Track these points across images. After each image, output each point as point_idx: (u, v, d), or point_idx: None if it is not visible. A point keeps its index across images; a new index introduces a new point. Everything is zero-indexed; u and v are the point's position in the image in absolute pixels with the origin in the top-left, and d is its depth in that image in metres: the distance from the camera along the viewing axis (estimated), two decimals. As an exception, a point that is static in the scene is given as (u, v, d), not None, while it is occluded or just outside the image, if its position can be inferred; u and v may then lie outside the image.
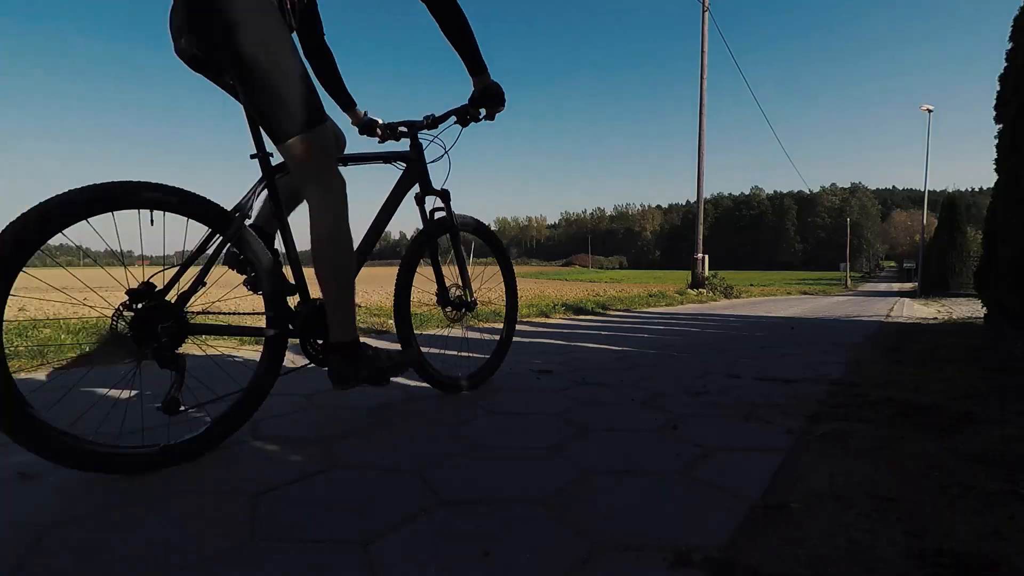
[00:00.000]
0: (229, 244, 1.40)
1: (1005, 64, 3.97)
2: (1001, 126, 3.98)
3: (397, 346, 1.87)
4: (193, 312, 1.36)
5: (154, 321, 1.25)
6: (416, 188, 1.89)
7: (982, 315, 4.75)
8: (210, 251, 1.37)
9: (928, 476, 1.17)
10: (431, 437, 1.48)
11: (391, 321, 4.36)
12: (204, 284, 1.36)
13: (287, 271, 1.51)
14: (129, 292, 1.25)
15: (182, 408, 1.22)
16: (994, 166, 4.04)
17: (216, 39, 1.26)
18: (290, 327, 1.49)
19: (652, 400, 1.90)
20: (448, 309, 2.13)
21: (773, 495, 1.09)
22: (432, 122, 1.89)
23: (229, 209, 1.39)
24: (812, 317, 6.65)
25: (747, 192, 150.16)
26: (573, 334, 4.13)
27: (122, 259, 1.35)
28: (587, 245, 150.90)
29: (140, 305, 1.24)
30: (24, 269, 1.10)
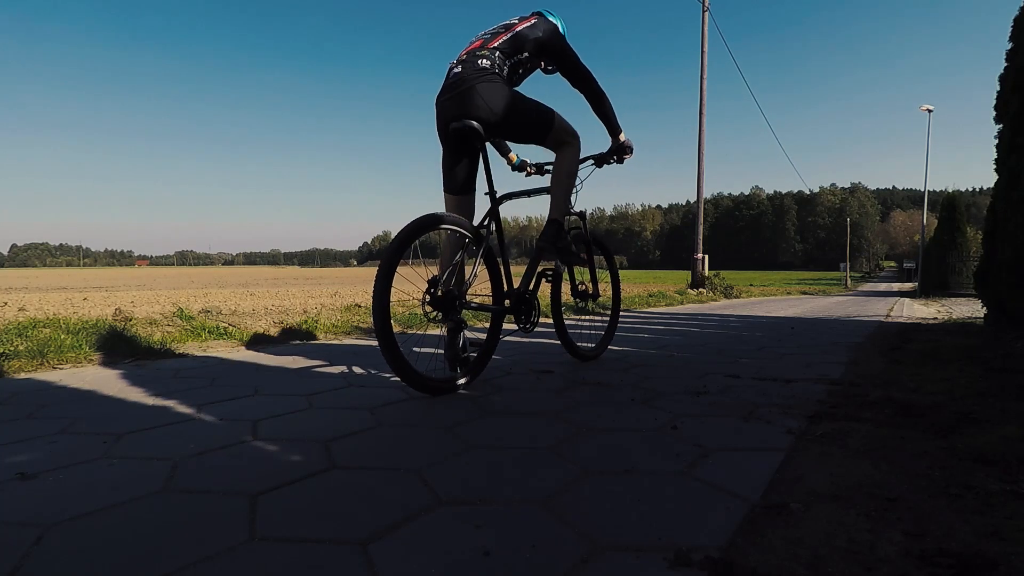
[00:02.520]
0: (481, 250, 2.11)
1: (1005, 64, 3.97)
2: (1001, 126, 3.98)
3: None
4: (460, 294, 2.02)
5: (449, 299, 1.97)
6: None
7: (982, 315, 4.75)
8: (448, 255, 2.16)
9: (928, 476, 1.17)
10: (431, 437, 1.48)
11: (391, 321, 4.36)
12: (476, 276, 2.09)
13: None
14: (429, 281, 1.95)
15: (464, 355, 2.10)
16: (994, 166, 4.04)
17: (490, 122, 2.06)
18: (507, 305, 2.27)
19: (652, 400, 1.90)
20: (577, 300, 2.86)
21: (773, 495, 1.09)
22: (582, 159, 2.44)
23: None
24: (812, 317, 6.65)
25: (747, 192, 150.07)
26: (572, 334, 4.13)
27: (423, 261, 2.09)
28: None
29: (434, 291, 1.94)
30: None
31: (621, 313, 2.95)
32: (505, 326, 2.36)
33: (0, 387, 2.09)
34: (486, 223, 2.20)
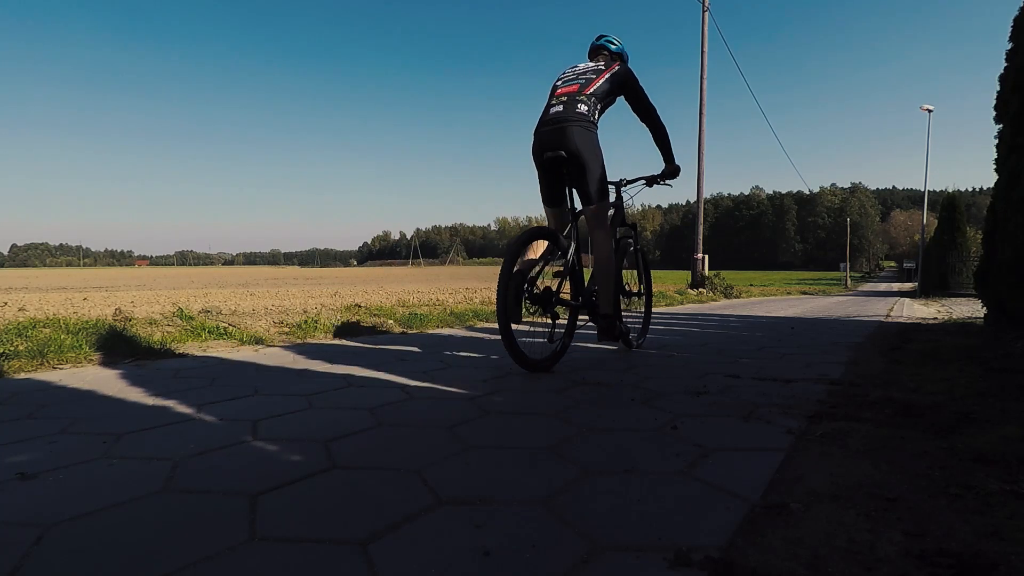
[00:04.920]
0: (567, 256, 2.61)
1: (1005, 64, 3.97)
2: (1001, 126, 3.98)
3: (387, 344, 2.00)
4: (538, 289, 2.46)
5: (546, 296, 2.47)
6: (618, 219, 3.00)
7: (982, 315, 4.75)
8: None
9: (928, 476, 1.17)
10: (431, 437, 1.48)
11: (391, 321, 4.36)
12: (565, 277, 2.58)
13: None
14: (528, 281, 2.38)
15: (553, 341, 2.57)
16: (994, 166, 4.03)
17: (579, 157, 2.49)
18: (580, 300, 2.73)
19: (652, 400, 1.90)
20: (623, 298, 3.12)
21: (773, 495, 1.09)
22: (628, 183, 3.03)
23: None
24: (812, 317, 6.65)
25: (747, 192, 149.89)
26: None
27: (540, 263, 2.53)
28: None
29: (531, 289, 2.41)
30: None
31: (621, 312, 3.08)
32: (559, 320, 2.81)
33: (0, 387, 2.09)
34: (565, 233, 2.70)
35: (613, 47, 2.91)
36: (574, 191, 2.67)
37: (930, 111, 23.33)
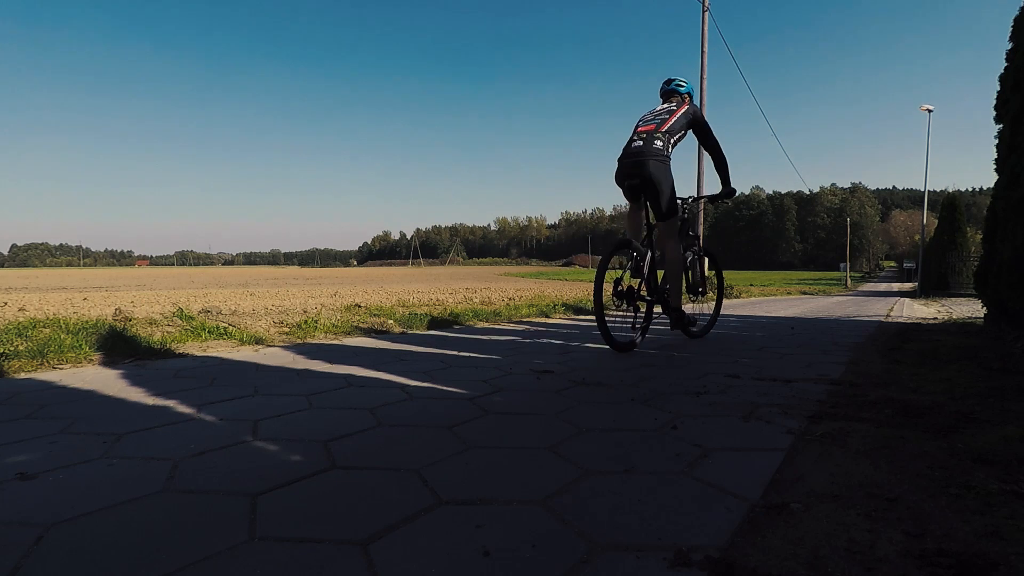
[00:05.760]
0: (644, 261, 3.19)
1: (1005, 64, 3.97)
2: (1001, 126, 3.98)
3: (387, 344, 1.98)
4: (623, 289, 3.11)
5: (629, 292, 3.09)
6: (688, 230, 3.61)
7: (982, 315, 4.74)
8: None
9: (928, 476, 1.17)
10: (431, 437, 1.48)
11: (391, 321, 4.36)
12: (644, 277, 3.21)
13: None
14: (615, 281, 3.01)
15: (635, 329, 3.20)
16: (994, 166, 4.04)
17: (654, 182, 3.11)
18: (654, 297, 3.33)
19: (652, 400, 1.90)
20: (689, 295, 3.76)
21: (773, 495, 1.09)
22: (695, 201, 3.65)
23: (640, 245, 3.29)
24: (812, 317, 6.65)
25: (747, 192, 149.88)
26: (573, 334, 4.13)
27: (623, 266, 3.21)
28: (587, 245, 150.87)
29: (619, 287, 3.05)
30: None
31: (621, 312, 3.31)
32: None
33: (0, 387, 2.09)
34: (643, 241, 3.30)
35: (682, 89, 3.52)
36: (650, 209, 3.29)
37: (930, 111, 23.32)
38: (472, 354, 3.01)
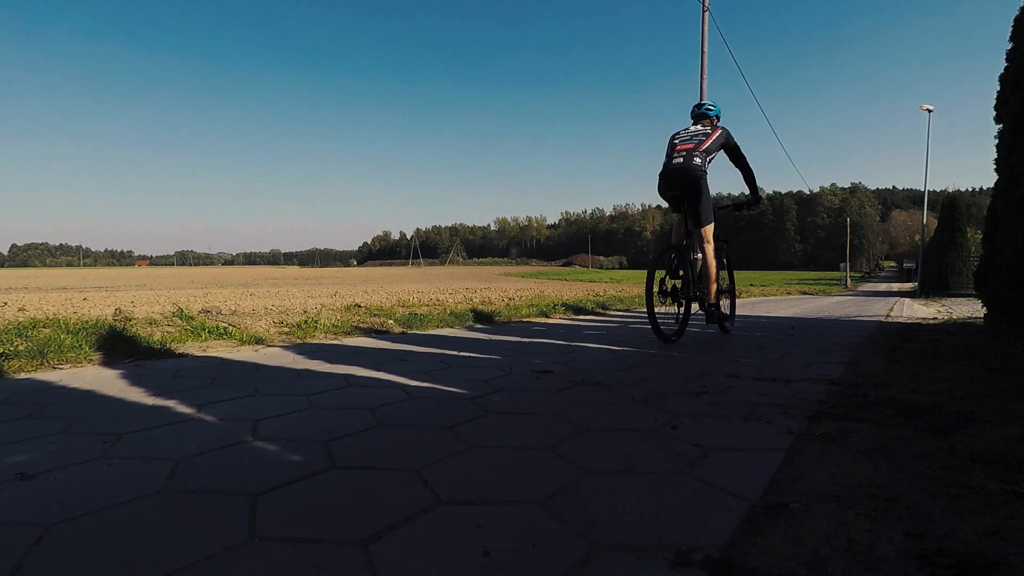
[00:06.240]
0: (684, 263, 3.68)
1: (1005, 64, 3.97)
2: (1001, 126, 3.97)
3: (387, 344, 1.96)
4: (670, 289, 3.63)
5: (673, 291, 3.66)
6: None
7: (982, 315, 4.74)
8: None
9: (928, 476, 1.17)
10: (431, 437, 1.48)
11: (391, 321, 4.36)
12: (684, 277, 3.73)
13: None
14: (659, 281, 3.55)
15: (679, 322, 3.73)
16: (994, 166, 4.03)
17: (694, 194, 3.65)
18: (694, 294, 3.77)
19: (652, 400, 1.90)
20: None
21: (773, 495, 1.09)
22: (722, 208, 4.14)
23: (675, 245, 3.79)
24: (812, 317, 6.65)
25: (747, 192, 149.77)
26: (573, 334, 4.13)
27: (669, 270, 3.68)
28: (587, 245, 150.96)
29: (663, 287, 3.59)
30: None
31: (621, 312, 3.34)
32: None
33: (0, 387, 2.09)
34: (685, 245, 3.76)
35: (711, 112, 3.93)
36: (689, 217, 3.76)
37: (930, 111, 23.31)
38: (472, 354, 3.01)
